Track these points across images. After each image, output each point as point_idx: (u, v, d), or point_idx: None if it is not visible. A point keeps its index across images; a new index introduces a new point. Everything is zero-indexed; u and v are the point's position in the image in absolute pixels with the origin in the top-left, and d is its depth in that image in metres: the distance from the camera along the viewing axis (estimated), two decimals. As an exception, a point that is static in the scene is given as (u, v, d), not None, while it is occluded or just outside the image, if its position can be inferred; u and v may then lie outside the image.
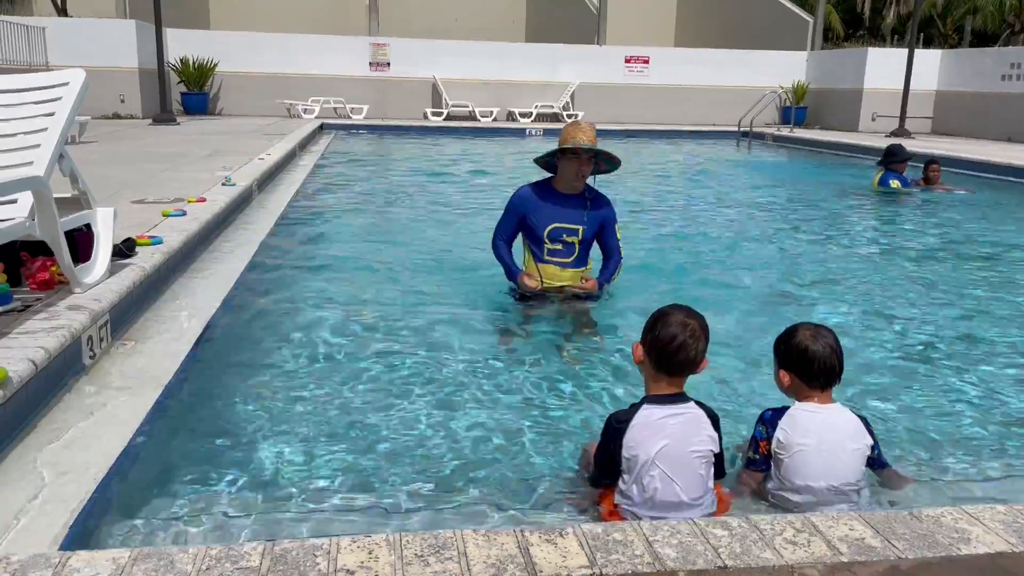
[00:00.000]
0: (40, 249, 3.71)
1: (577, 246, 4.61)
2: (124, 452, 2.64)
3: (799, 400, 2.61)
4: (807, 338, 2.59)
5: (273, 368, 3.74)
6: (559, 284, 4.63)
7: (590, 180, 4.62)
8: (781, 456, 2.54)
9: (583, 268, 4.69)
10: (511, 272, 4.68)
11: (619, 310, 4.72)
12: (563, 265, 4.62)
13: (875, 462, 2.64)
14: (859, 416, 2.62)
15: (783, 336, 2.68)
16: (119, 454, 2.61)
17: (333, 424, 3.17)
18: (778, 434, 2.55)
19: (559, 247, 4.59)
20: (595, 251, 4.76)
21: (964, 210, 9.46)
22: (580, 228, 4.57)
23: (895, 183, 10.18)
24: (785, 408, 2.60)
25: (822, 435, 2.52)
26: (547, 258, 4.60)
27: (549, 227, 4.55)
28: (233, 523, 2.45)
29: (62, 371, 3.07)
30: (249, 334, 4.21)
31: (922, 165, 10.76)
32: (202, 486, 2.65)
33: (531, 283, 4.57)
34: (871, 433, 2.60)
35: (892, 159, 10.40)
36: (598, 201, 4.64)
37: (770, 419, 2.59)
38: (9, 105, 3.76)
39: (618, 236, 4.73)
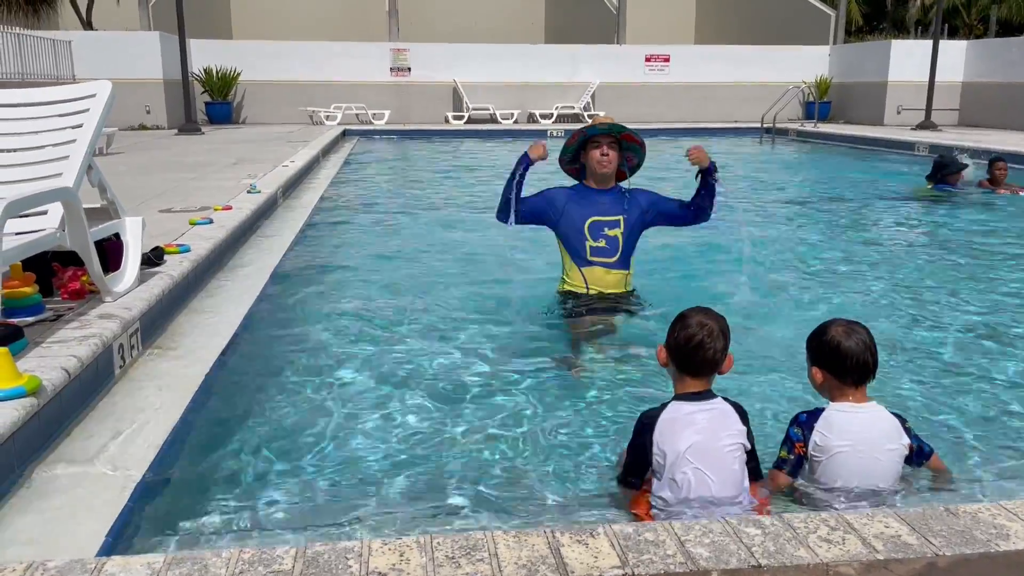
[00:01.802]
0: (71, 259, 3.76)
1: (620, 241, 4.42)
2: (156, 458, 2.67)
3: (833, 399, 2.55)
4: (840, 334, 2.53)
5: (302, 374, 3.75)
6: (606, 291, 4.46)
7: (624, 183, 4.51)
8: (817, 458, 2.50)
9: (627, 271, 4.52)
10: (518, 162, 4.35)
11: (654, 315, 4.63)
12: (607, 266, 4.44)
13: (915, 458, 2.58)
14: (896, 415, 2.56)
15: (816, 332, 2.62)
16: (151, 460, 2.64)
17: (362, 428, 3.18)
18: (814, 437, 2.50)
19: (602, 244, 4.41)
20: (636, 254, 4.58)
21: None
22: (621, 218, 4.40)
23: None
24: (820, 410, 2.55)
25: (859, 436, 2.47)
26: (591, 258, 4.43)
27: (588, 220, 4.38)
28: (266, 527, 2.47)
29: (94, 379, 3.11)
30: (277, 340, 4.24)
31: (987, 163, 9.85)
32: (234, 491, 2.67)
33: (539, 148, 4.29)
34: (908, 432, 2.54)
35: (945, 172, 9.53)
36: (637, 192, 4.48)
37: (805, 421, 2.54)
38: (38, 118, 3.83)
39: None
